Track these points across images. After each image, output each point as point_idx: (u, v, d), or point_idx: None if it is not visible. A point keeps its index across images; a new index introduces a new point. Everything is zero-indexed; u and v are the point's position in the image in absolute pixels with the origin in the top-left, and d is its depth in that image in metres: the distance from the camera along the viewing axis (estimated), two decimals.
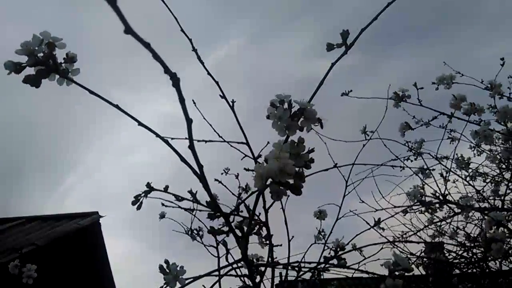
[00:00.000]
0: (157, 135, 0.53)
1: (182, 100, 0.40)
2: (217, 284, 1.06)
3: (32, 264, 1.48)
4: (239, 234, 0.67)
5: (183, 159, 0.50)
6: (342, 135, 1.91)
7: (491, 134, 1.45)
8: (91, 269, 4.35)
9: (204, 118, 0.96)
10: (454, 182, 2.53)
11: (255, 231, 0.82)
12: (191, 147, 0.45)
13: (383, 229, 2.57)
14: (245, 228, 0.74)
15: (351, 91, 1.50)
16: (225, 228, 0.89)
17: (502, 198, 2.12)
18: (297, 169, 0.68)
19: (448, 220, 2.15)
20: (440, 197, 1.56)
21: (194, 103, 0.95)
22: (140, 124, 0.53)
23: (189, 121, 0.43)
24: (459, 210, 1.93)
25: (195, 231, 1.95)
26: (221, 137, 0.99)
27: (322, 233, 1.72)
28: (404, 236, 2.27)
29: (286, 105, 0.67)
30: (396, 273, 0.61)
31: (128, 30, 0.32)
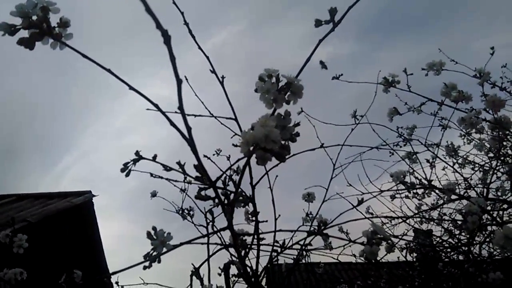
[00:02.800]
0: (148, 100, 0.55)
1: (172, 58, 0.42)
2: (206, 263, 1.09)
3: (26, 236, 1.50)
4: (225, 202, 0.69)
5: (172, 123, 0.52)
6: (340, 120, 1.94)
7: (478, 122, 1.48)
8: (83, 246, 4.38)
9: (196, 95, 0.98)
10: (443, 169, 2.58)
11: (241, 201, 0.84)
12: (181, 108, 0.47)
13: (372, 214, 2.62)
14: (231, 196, 0.77)
15: (341, 75, 1.51)
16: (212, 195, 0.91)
17: (487, 186, 2.17)
18: (283, 142, 0.71)
19: (434, 207, 2.19)
20: (426, 182, 1.59)
21: (187, 79, 0.97)
22: (131, 88, 0.55)
23: (179, 81, 0.45)
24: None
25: (186, 211, 1.99)
26: (211, 113, 1.01)
27: (310, 216, 1.76)
28: (392, 222, 2.32)
29: (274, 79, 0.70)
30: (374, 241, 0.64)
31: None
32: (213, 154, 1.86)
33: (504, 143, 2.05)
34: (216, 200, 0.65)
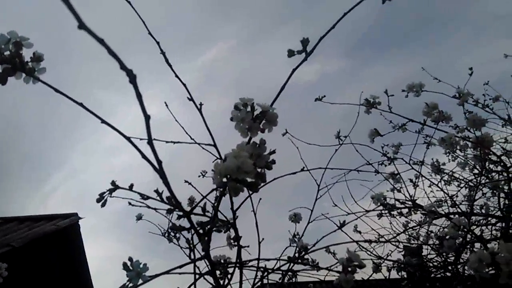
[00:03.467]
0: (120, 133, 0.55)
1: (139, 96, 0.43)
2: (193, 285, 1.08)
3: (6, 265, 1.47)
4: (202, 231, 0.69)
5: (143, 155, 0.52)
6: (328, 137, 1.96)
7: (458, 141, 1.50)
8: (68, 271, 4.30)
9: (176, 120, 0.99)
10: (429, 186, 2.59)
11: (219, 228, 0.84)
12: (150, 143, 0.47)
13: (360, 232, 2.62)
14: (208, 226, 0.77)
15: (324, 96, 1.53)
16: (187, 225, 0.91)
17: (471, 203, 2.19)
18: (259, 169, 0.71)
19: (420, 225, 2.19)
20: (410, 201, 1.61)
21: (166, 105, 0.97)
22: (103, 122, 0.55)
23: (147, 117, 0.45)
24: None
25: (171, 233, 1.97)
26: (192, 139, 1.01)
27: (297, 236, 1.75)
28: (380, 240, 2.31)
29: (249, 108, 0.71)
30: (349, 268, 0.64)
31: (82, 25, 0.34)
32: (198, 176, 1.86)
33: (487, 161, 2.08)
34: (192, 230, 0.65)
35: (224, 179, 0.56)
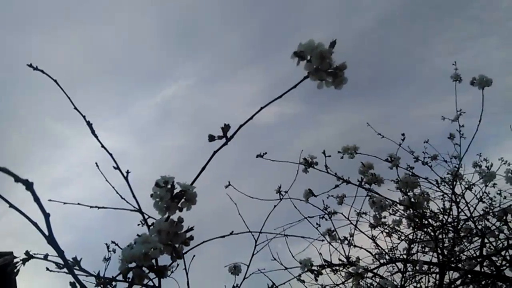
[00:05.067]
0: (28, 217, 0.56)
1: (37, 199, 0.45)
2: None
3: None
4: None
5: (35, 225, 0.53)
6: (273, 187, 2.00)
7: (388, 205, 1.58)
8: None
9: (107, 181, 0.99)
10: (373, 237, 2.67)
11: None
12: (51, 239, 0.48)
13: (303, 282, 2.64)
14: None
15: (265, 153, 1.58)
16: None
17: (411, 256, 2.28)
18: (176, 245, 0.74)
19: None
20: (345, 260, 1.66)
21: (97, 166, 0.98)
22: (11, 206, 0.56)
23: (46, 216, 0.47)
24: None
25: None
26: (123, 198, 1.02)
27: None
28: None
29: (169, 186, 0.73)
30: None
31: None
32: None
33: (423, 218, 2.19)
34: None
35: (130, 265, 0.58)
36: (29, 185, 0.42)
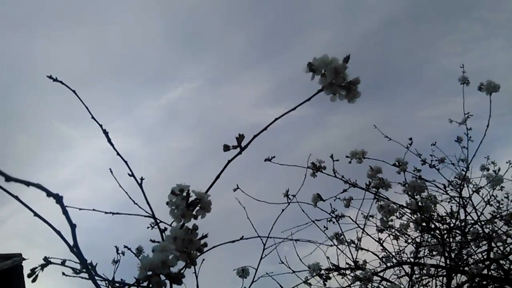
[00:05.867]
0: (49, 224, 0.58)
1: (65, 212, 0.46)
2: None
3: None
4: None
5: (59, 234, 0.55)
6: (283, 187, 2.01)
7: (395, 209, 1.59)
8: None
9: (120, 186, 1.01)
10: (380, 241, 2.68)
11: None
12: (76, 248, 0.50)
13: (310, 285, 2.65)
14: None
15: (274, 157, 1.60)
16: None
17: (418, 259, 2.29)
18: (191, 252, 0.75)
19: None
20: (353, 263, 1.67)
21: (111, 172, 1.01)
22: (36, 215, 0.58)
23: (72, 227, 0.49)
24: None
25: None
26: (135, 203, 1.04)
27: None
28: None
29: (184, 194, 0.75)
30: None
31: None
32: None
33: (430, 221, 2.19)
34: None
35: (149, 273, 0.60)
36: (59, 199, 0.44)
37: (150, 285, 0.60)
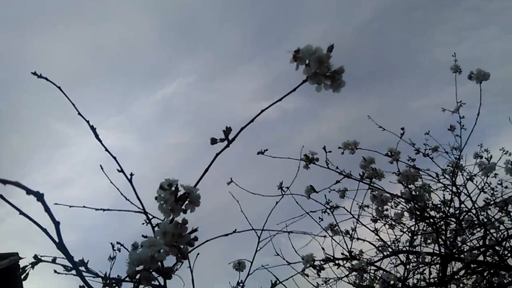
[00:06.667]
0: (33, 221, 0.58)
1: (47, 210, 0.46)
2: None
3: None
4: None
5: (45, 231, 0.55)
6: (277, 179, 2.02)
7: (388, 198, 1.59)
8: None
9: (111, 183, 1.01)
10: (375, 231, 2.69)
11: None
12: (61, 245, 0.50)
13: (307, 276, 2.67)
14: None
15: (266, 150, 1.60)
16: None
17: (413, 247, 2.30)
18: (181, 246, 0.75)
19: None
20: (348, 253, 1.68)
21: (102, 168, 1.00)
22: (21, 213, 0.57)
23: (56, 224, 0.48)
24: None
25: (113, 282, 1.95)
26: (127, 199, 1.04)
27: (241, 284, 1.78)
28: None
29: (173, 188, 0.75)
30: None
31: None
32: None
33: (424, 210, 2.20)
34: None
35: (138, 268, 0.60)
36: (40, 197, 0.43)
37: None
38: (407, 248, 2.47)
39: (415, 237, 2.36)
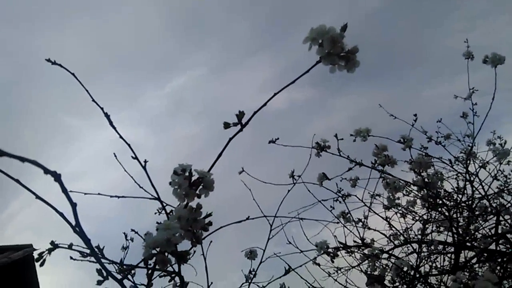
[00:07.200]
0: (49, 205, 0.58)
1: (64, 190, 0.46)
2: None
3: None
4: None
5: (61, 215, 0.55)
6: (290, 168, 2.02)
7: (401, 186, 1.58)
8: None
9: (125, 171, 1.01)
10: (387, 219, 2.68)
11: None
12: (78, 227, 0.50)
13: (319, 265, 2.67)
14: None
15: (278, 138, 1.59)
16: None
17: (425, 236, 2.29)
18: (195, 231, 0.75)
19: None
20: (360, 240, 1.67)
21: (115, 156, 1.01)
22: (37, 197, 0.58)
23: (73, 205, 0.49)
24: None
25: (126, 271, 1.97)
26: (141, 187, 1.04)
27: (253, 273, 1.79)
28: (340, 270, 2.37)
29: (187, 174, 0.75)
30: None
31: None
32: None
33: (437, 198, 2.19)
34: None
35: (154, 251, 0.60)
36: (57, 177, 0.44)
37: (156, 265, 0.60)
38: (419, 236, 2.46)
39: (427, 226, 2.35)
